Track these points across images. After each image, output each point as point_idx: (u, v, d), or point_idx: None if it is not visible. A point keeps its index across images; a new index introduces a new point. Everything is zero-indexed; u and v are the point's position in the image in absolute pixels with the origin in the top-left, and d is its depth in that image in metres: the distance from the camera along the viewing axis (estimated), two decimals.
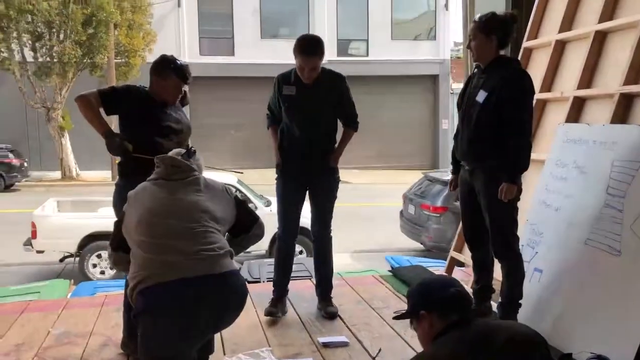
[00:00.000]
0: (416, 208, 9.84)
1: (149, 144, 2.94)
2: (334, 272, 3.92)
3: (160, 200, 2.32)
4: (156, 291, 2.10)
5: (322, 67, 3.48)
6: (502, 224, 3.10)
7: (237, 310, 2.31)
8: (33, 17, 17.09)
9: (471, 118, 3.14)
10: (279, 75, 3.58)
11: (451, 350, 1.77)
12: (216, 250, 2.23)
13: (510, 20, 3.12)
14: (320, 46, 3.41)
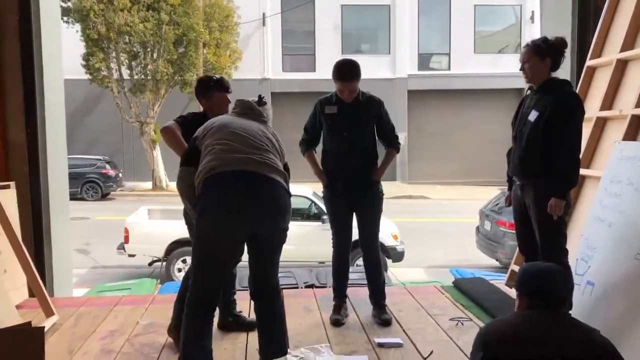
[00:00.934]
0: (492, 224, 9.83)
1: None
2: (399, 282, 4.14)
3: (237, 120, 2.92)
4: (217, 176, 2.66)
5: (361, 91, 3.79)
6: (551, 237, 3.24)
7: (273, 214, 2.72)
8: (130, 38, 18.48)
9: (523, 136, 3.31)
10: (319, 99, 3.89)
11: (518, 320, 1.96)
12: (273, 163, 2.78)
13: (561, 44, 3.27)
14: (356, 70, 3.71)
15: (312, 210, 9.28)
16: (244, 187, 2.65)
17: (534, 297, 1.98)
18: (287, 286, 4.90)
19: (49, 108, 4.67)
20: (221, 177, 2.66)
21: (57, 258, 4.77)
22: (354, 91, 3.73)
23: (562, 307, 1.98)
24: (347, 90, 3.70)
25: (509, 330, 1.92)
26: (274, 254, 2.89)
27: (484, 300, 4.15)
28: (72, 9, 17.91)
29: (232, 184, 2.64)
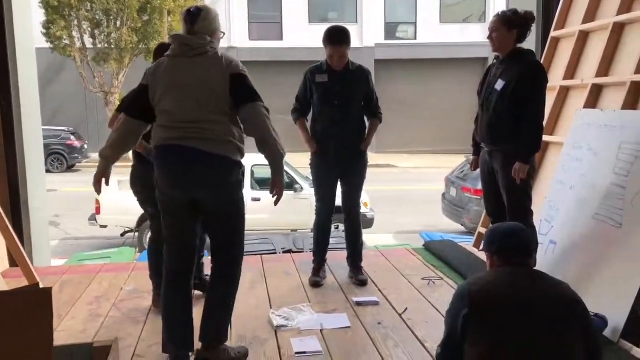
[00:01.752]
0: (458, 191, 10.14)
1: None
2: (372, 245, 4.32)
3: (174, 74, 2.66)
4: (160, 149, 2.68)
5: (351, 61, 3.87)
6: (517, 199, 3.45)
7: (211, 188, 2.67)
8: (92, 5, 18.01)
9: (490, 104, 3.49)
10: (309, 68, 3.95)
11: (497, 277, 2.09)
12: (213, 135, 2.61)
13: (530, 17, 3.44)
14: (346, 35, 3.80)
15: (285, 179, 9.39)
16: (180, 162, 2.63)
17: (504, 254, 2.13)
18: (266, 252, 5.07)
19: (23, 79, 4.64)
20: (165, 149, 2.67)
21: (36, 229, 4.80)
22: (343, 57, 3.78)
23: (530, 260, 2.15)
24: (337, 55, 3.76)
25: (489, 286, 2.06)
26: (227, 226, 2.81)
27: (453, 260, 4.39)
28: None
29: (172, 159, 2.65)
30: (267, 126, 2.66)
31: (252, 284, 4.05)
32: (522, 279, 2.06)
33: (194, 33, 2.74)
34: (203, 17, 2.76)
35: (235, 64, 2.70)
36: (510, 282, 2.04)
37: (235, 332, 3.22)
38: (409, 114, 23.47)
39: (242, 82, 2.66)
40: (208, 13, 2.81)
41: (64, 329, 3.30)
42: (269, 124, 2.67)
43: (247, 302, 3.67)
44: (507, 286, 2.03)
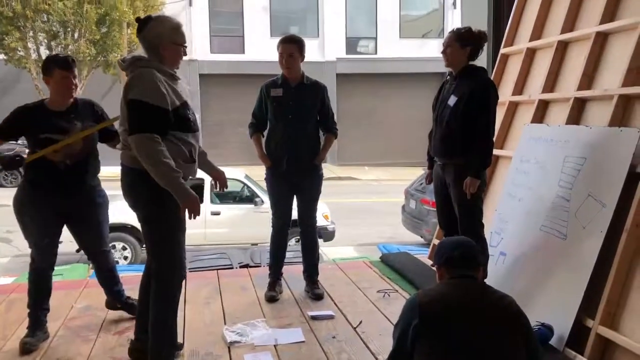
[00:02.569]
0: (417, 203, 10.26)
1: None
2: (330, 259, 4.33)
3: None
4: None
5: (306, 75, 3.91)
6: (469, 212, 3.53)
7: (126, 198, 2.84)
8: (49, 17, 17.67)
9: (443, 119, 3.57)
10: (264, 83, 3.97)
11: (446, 289, 2.13)
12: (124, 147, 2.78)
13: (482, 37, 3.56)
14: (296, 37, 3.87)
15: (245, 192, 9.36)
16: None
17: (450, 266, 2.18)
18: (223, 267, 5.03)
19: None
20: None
21: None
22: (291, 59, 3.78)
23: (477, 272, 2.20)
24: (285, 53, 3.78)
25: (439, 297, 2.09)
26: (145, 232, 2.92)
27: (408, 272, 4.45)
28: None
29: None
30: (145, 160, 2.60)
31: (207, 299, 4.01)
32: (471, 291, 2.12)
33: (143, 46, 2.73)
34: (149, 27, 2.72)
35: (134, 90, 2.62)
36: (459, 295, 2.10)
37: (187, 347, 3.19)
38: (370, 127, 23.71)
39: (130, 111, 2.65)
40: (155, 23, 2.73)
41: (9, 349, 3.22)
42: (147, 155, 2.59)
43: (201, 318, 3.64)
44: (456, 298, 2.09)
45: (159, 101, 2.60)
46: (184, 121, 2.73)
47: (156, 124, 2.60)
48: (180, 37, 2.79)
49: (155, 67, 2.68)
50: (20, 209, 3.23)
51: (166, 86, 2.66)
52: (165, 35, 2.72)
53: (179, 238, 2.86)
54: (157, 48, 2.71)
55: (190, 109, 2.83)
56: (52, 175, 3.17)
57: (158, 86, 2.61)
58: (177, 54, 2.78)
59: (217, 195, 9.34)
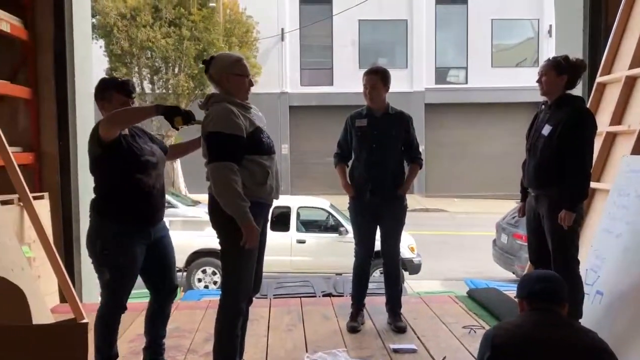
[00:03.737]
0: (509, 237, 9.89)
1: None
2: (415, 292, 4.26)
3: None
4: None
5: (391, 106, 3.94)
6: (563, 247, 3.36)
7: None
8: (152, 53, 18.92)
9: (537, 149, 3.45)
10: (350, 114, 4.03)
11: (522, 321, 2.08)
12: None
13: (580, 65, 3.43)
14: (380, 68, 3.92)
15: (330, 222, 9.44)
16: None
17: (533, 299, 2.10)
18: (306, 295, 5.08)
19: (80, 120, 4.91)
20: None
21: (86, 266, 4.98)
22: (374, 90, 3.83)
23: (561, 308, 2.10)
24: (369, 84, 3.84)
25: (513, 331, 2.05)
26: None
27: (496, 309, 4.27)
28: (96, 25, 18.41)
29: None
30: (216, 186, 2.75)
31: (290, 326, 4.06)
32: (548, 323, 2.04)
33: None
34: (212, 64, 2.91)
35: (209, 124, 2.78)
36: (534, 327, 2.03)
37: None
38: (459, 158, 23.24)
39: (207, 143, 2.79)
40: (217, 60, 2.93)
41: None
42: (219, 183, 2.74)
43: (283, 345, 3.69)
44: (530, 331, 2.02)
45: (232, 129, 2.75)
46: (257, 144, 2.86)
47: (232, 152, 2.75)
48: (241, 68, 2.93)
49: (226, 100, 2.84)
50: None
51: (239, 115, 2.80)
52: (226, 68, 2.89)
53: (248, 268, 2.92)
54: (222, 81, 2.89)
55: (265, 133, 2.94)
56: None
57: (231, 116, 2.77)
58: (241, 84, 2.92)
59: (303, 224, 9.48)
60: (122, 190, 2.92)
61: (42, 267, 4.28)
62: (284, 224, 8.98)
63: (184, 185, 20.43)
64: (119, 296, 2.99)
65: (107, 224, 2.91)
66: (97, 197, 2.98)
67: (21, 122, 4.76)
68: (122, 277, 2.95)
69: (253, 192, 2.82)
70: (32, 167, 4.68)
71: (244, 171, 2.79)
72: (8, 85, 4.49)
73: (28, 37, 4.64)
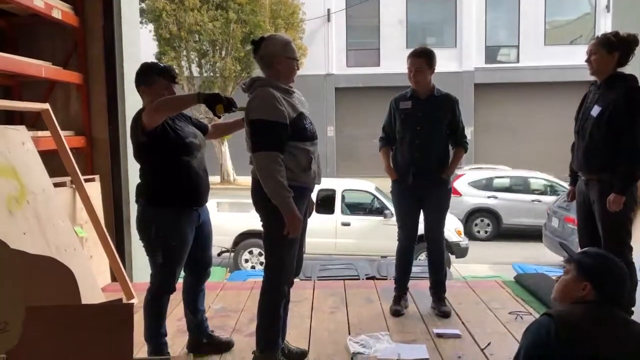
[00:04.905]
0: (560, 221, 9.63)
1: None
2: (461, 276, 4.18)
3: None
4: None
5: (437, 88, 3.84)
6: (615, 233, 3.23)
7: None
8: (200, 37, 19.15)
9: (586, 131, 3.32)
10: (394, 97, 3.96)
11: (591, 319, 1.91)
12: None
13: (632, 40, 3.25)
14: (425, 50, 3.78)
15: (375, 204, 9.41)
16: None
17: (606, 296, 1.96)
18: (350, 277, 5.09)
19: (129, 106, 5.02)
20: None
21: (136, 247, 5.12)
22: (420, 72, 3.74)
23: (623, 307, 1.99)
24: (414, 67, 3.74)
25: (579, 322, 1.91)
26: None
27: (544, 295, 4.17)
28: (145, 9, 18.74)
29: None
30: (261, 176, 2.75)
31: (333, 308, 4.07)
32: (613, 321, 1.91)
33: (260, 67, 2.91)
34: (263, 46, 2.87)
35: (253, 111, 2.77)
36: (600, 323, 1.89)
37: (311, 354, 3.26)
38: (510, 139, 22.69)
39: (251, 130, 2.79)
40: (268, 41, 2.89)
41: None
42: (265, 173, 2.73)
43: (326, 327, 3.71)
44: (595, 326, 1.88)
45: (276, 117, 2.73)
46: (300, 131, 2.84)
47: (275, 140, 2.74)
48: (292, 52, 2.92)
49: (270, 85, 2.83)
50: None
51: (282, 101, 2.78)
52: (278, 50, 2.87)
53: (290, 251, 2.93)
54: (272, 64, 2.86)
55: (307, 119, 2.93)
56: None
57: (274, 103, 2.74)
58: (291, 67, 2.91)
59: (348, 206, 9.48)
60: (170, 174, 2.96)
61: (94, 247, 4.42)
62: (329, 207, 9.00)
63: (232, 169, 20.74)
64: (170, 278, 3.05)
65: (158, 208, 2.96)
66: (145, 183, 3.03)
67: (73, 107, 4.91)
68: (174, 259, 3.01)
69: (298, 178, 2.84)
70: (84, 150, 4.82)
71: (289, 157, 2.80)
72: (61, 71, 4.63)
73: (78, 24, 4.75)
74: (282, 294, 3.01)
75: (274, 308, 3.01)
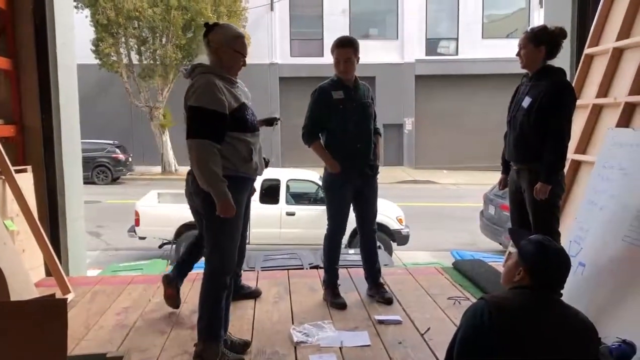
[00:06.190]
0: (496, 209, 9.95)
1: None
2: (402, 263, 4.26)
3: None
4: None
5: (357, 76, 3.84)
6: (543, 220, 3.38)
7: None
8: (139, 23, 18.62)
9: (517, 122, 3.44)
10: (320, 86, 3.82)
11: (520, 305, 1.95)
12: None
13: (559, 34, 3.37)
14: (351, 40, 3.76)
15: (319, 194, 9.45)
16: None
17: (539, 282, 2.00)
18: (293, 267, 5.10)
19: (63, 93, 4.82)
20: None
21: (72, 239, 4.96)
22: (349, 62, 3.71)
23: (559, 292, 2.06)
24: (342, 59, 3.70)
25: (509, 306, 1.96)
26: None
27: (481, 280, 4.31)
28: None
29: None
30: (194, 163, 2.75)
31: (276, 298, 4.07)
32: (547, 306, 1.97)
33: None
34: (214, 32, 2.88)
35: (192, 97, 2.75)
36: (535, 308, 1.95)
37: (254, 345, 3.25)
38: (449, 130, 23.25)
39: (188, 116, 2.77)
40: (220, 28, 2.90)
41: (91, 338, 3.39)
42: (197, 159, 2.72)
43: (269, 317, 3.71)
44: (529, 311, 1.94)
45: (215, 106, 2.73)
46: (241, 121, 2.85)
47: (212, 129, 2.73)
48: (240, 46, 2.92)
49: (213, 72, 2.82)
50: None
51: (223, 90, 2.77)
52: (226, 40, 2.87)
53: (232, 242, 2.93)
54: (217, 51, 2.86)
55: (249, 110, 2.93)
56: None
57: (214, 92, 2.74)
58: (236, 61, 2.91)
59: (292, 196, 9.48)
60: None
61: (27, 241, 4.25)
62: (273, 197, 8.98)
63: (174, 159, 20.35)
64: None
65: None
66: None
67: (2, 94, 4.67)
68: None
69: (239, 168, 2.84)
70: (15, 140, 4.61)
71: (229, 147, 2.79)
72: None
73: (6, 5, 4.52)
74: (224, 285, 2.99)
75: (216, 299, 2.99)
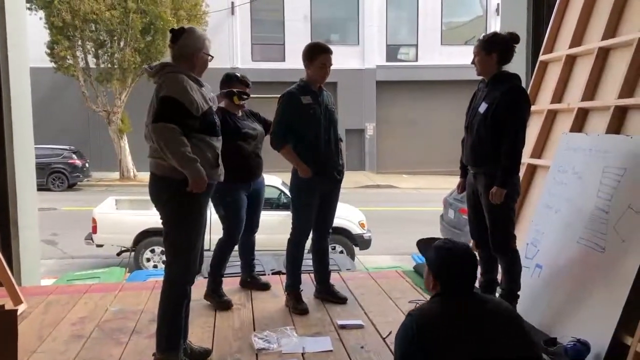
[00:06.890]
0: (455, 212, 10.11)
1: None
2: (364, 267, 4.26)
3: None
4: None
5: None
6: (500, 223, 3.43)
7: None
8: (96, 26, 18.23)
9: (474, 127, 3.49)
10: (288, 92, 3.78)
11: (438, 313, 1.97)
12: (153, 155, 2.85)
13: (510, 39, 3.43)
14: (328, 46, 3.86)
15: (282, 199, 9.41)
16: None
17: (447, 287, 2.02)
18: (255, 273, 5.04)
19: (15, 98, 4.68)
20: None
21: (25, 248, 4.80)
22: (330, 68, 3.77)
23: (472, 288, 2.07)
24: (328, 64, 3.76)
25: (431, 316, 1.98)
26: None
27: None
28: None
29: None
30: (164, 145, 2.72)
31: (238, 305, 4.03)
32: (466, 307, 2.00)
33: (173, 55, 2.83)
34: (184, 37, 2.88)
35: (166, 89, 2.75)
36: (456, 314, 1.97)
37: (215, 353, 3.21)
38: (410, 135, 23.54)
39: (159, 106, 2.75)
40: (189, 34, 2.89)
41: (44, 351, 3.28)
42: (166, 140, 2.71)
43: (230, 324, 3.66)
44: (452, 319, 1.96)
45: (187, 102, 2.75)
46: (210, 125, 2.87)
47: (180, 119, 2.72)
48: (208, 48, 2.99)
49: (182, 72, 2.83)
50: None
51: (196, 91, 2.81)
52: (199, 45, 2.91)
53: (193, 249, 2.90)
54: (191, 57, 2.89)
55: (215, 115, 2.97)
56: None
57: (187, 88, 2.77)
58: (205, 62, 2.97)
59: None
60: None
61: None
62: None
63: (132, 164, 19.97)
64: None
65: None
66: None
67: None
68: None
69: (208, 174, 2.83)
70: None
71: (196, 150, 2.79)
72: None
73: None
74: (185, 293, 2.94)
75: (176, 308, 2.93)
